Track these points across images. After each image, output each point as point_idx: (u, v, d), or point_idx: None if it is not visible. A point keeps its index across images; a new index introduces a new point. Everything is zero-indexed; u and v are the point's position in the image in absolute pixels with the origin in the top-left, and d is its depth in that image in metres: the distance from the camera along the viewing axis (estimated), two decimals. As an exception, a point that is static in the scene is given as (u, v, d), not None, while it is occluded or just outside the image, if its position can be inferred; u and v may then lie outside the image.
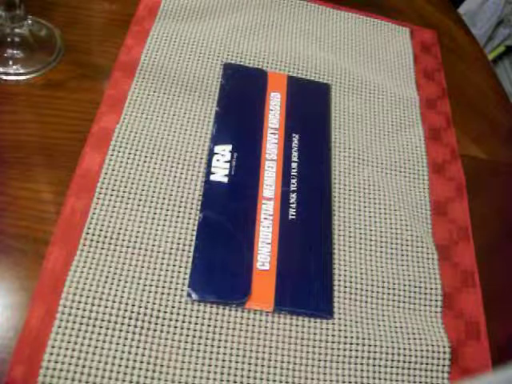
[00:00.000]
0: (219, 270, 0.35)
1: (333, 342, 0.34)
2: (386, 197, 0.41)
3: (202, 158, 0.40)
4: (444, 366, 0.34)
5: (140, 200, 0.37)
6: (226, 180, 0.39)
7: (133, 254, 0.35)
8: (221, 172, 0.39)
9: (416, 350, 0.34)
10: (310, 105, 0.46)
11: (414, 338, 0.35)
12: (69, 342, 0.31)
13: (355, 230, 0.39)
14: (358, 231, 0.39)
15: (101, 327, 0.32)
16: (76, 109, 0.41)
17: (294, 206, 0.39)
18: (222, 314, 0.34)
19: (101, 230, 0.35)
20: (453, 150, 0.46)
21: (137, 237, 0.35)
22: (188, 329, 0.33)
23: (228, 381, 0.32)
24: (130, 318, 0.32)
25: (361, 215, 0.40)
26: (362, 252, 0.38)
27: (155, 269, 0.34)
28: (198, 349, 0.32)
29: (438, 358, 0.34)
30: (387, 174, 0.43)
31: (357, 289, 0.36)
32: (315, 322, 0.35)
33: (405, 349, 0.34)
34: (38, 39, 0.44)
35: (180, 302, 0.33)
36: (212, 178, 0.39)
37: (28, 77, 0.42)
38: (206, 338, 0.33)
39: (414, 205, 0.42)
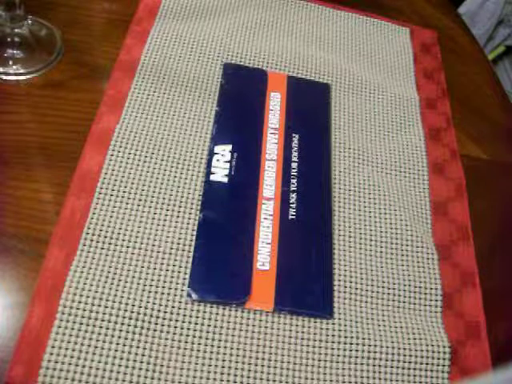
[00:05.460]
0: (219, 270, 0.35)
1: (333, 342, 0.34)
2: (386, 197, 0.41)
3: (202, 158, 0.40)
4: (444, 366, 0.34)
5: (140, 200, 0.37)
6: (225, 180, 0.39)
7: (133, 253, 0.35)
8: (221, 172, 0.39)
9: (416, 350, 0.34)
10: (310, 105, 0.46)
11: (414, 338, 0.35)
12: (69, 342, 0.31)
13: (355, 230, 0.39)
14: (358, 231, 0.39)
15: (101, 327, 0.32)
16: (76, 109, 0.41)
17: (294, 205, 0.39)
18: (222, 314, 0.34)
19: (101, 230, 0.35)
20: (453, 150, 0.46)
21: (137, 237, 0.35)
22: (188, 329, 0.33)
23: (228, 381, 0.32)
24: (130, 318, 0.32)
25: (361, 215, 0.40)
26: (362, 252, 0.38)
27: (155, 269, 0.34)
28: (198, 349, 0.32)
29: (438, 358, 0.34)
30: (387, 174, 0.43)
31: (357, 289, 0.36)
32: (315, 322, 0.35)
33: (405, 349, 0.34)
34: (38, 39, 0.44)
35: (180, 302, 0.33)
36: (212, 177, 0.39)
37: (28, 77, 0.42)
38: (206, 338, 0.33)
39: (414, 205, 0.42)
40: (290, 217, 0.38)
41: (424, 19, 0.58)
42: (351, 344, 0.34)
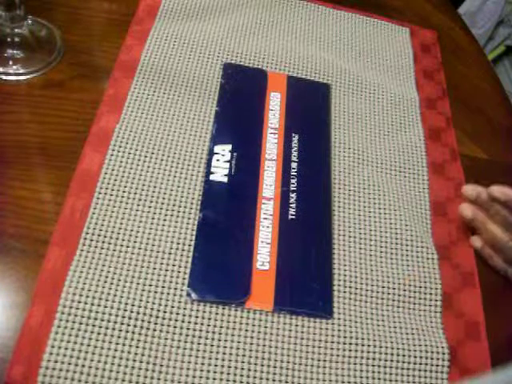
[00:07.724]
0: (219, 270, 0.35)
1: (332, 342, 0.34)
2: (386, 197, 0.41)
3: (201, 158, 0.40)
4: (443, 366, 0.34)
5: (140, 200, 0.37)
6: (225, 180, 0.39)
7: (133, 254, 0.35)
8: (221, 172, 0.39)
9: (415, 351, 0.34)
10: (310, 105, 0.46)
11: (413, 339, 0.35)
12: (68, 342, 0.31)
13: (355, 230, 0.39)
14: (358, 231, 0.39)
15: (101, 327, 0.32)
16: (76, 109, 0.41)
17: (293, 205, 0.39)
18: (222, 313, 0.34)
19: (101, 230, 0.35)
20: (453, 150, 0.46)
21: (137, 237, 0.35)
22: (188, 329, 0.33)
23: (228, 380, 0.32)
24: (130, 318, 0.32)
25: (361, 215, 0.40)
26: (362, 252, 0.38)
27: (155, 269, 0.34)
28: (197, 349, 0.32)
29: (437, 359, 0.34)
30: (387, 174, 0.43)
31: (357, 289, 0.36)
32: (315, 322, 0.35)
33: (404, 349, 0.34)
34: (38, 39, 0.44)
35: (180, 302, 0.33)
36: (212, 177, 0.39)
37: (28, 77, 0.42)
38: (206, 338, 0.33)
39: (414, 205, 0.42)
40: (290, 217, 0.38)
41: (424, 19, 0.58)
42: (351, 344, 0.34)
